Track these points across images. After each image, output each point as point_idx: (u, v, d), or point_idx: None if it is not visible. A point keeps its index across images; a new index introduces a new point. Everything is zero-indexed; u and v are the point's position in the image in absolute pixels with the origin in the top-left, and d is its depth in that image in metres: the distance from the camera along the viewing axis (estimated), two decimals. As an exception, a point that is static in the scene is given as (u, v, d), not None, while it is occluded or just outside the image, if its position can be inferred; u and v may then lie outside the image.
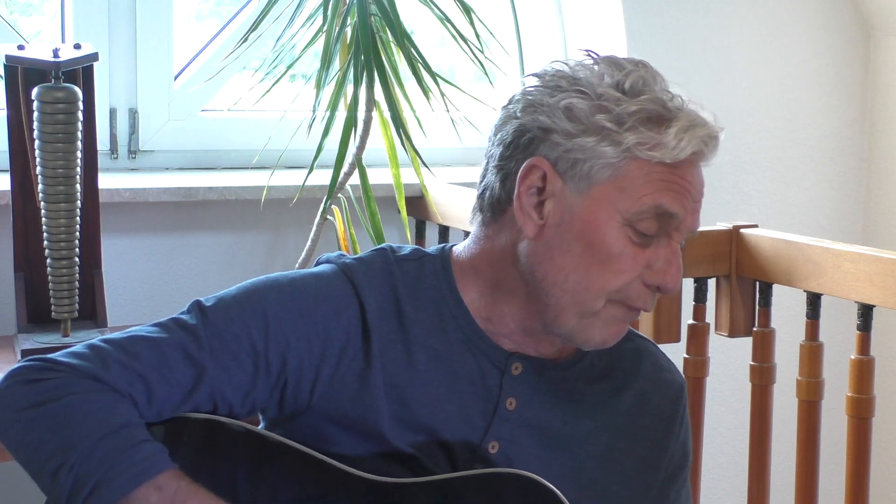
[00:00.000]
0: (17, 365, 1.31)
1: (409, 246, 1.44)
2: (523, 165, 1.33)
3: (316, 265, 1.43)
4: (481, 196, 1.39)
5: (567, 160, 1.31)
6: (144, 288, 2.59)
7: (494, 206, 1.37)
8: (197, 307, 1.35)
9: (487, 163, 1.39)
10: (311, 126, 2.42)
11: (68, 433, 1.24)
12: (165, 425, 1.31)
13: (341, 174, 2.45)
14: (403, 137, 2.39)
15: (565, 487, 1.35)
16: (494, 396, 1.36)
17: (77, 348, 1.32)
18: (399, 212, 2.56)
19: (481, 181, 1.40)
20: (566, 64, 1.37)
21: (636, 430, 1.43)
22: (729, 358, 2.77)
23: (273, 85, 2.43)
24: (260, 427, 1.42)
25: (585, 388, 1.41)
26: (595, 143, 1.30)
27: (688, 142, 1.31)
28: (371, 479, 1.30)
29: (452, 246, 1.43)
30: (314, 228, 2.51)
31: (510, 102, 1.38)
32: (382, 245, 1.43)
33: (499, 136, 1.37)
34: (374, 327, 1.35)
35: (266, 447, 1.33)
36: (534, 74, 1.38)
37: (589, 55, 1.37)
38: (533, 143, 1.33)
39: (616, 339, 1.36)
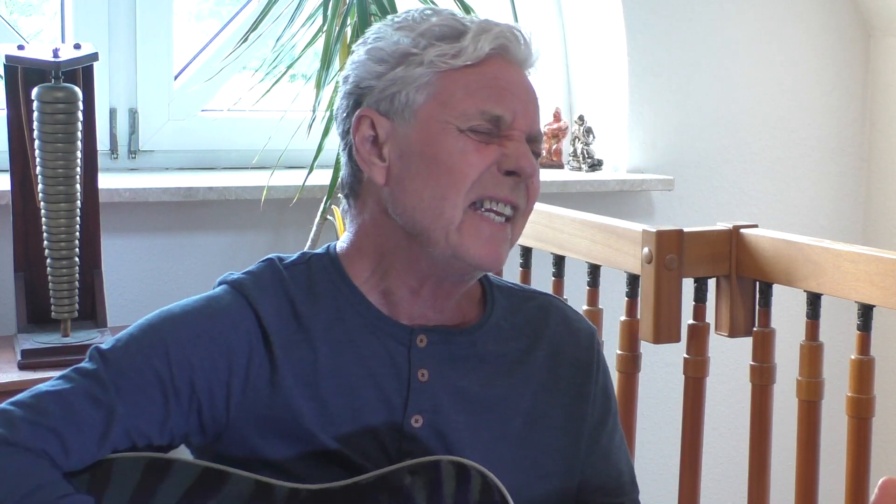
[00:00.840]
0: None
1: (297, 252, 1.47)
2: (352, 123, 1.38)
3: (213, 288, 1.44)
4: (342, 188, 1.44)
5: (386, 99, 1.36)
6: (144, 288, 2.59)
7: (353, 184, 1.42)
8: (96, 353, 1.35)
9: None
10: (311, 126, 2.42)
11: None
12: (91, 471, 1.30)
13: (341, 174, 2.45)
14: (403, 137, 2.38)
15: (497, 449, 1.37)
16: (405, 371, 1.37)
17: None
18: (399, 212, 2.56)
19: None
20: None
21: (556, 382, 1.45)
22: (729, 358, 2.76)
23: (273, 85, 2.43)
24: (188, 457, 1.41)
25: (496, 349, 1.43)
26: (403, 70, 1.36)
27: (486, 40, 1.35)
28: (304, 489, 1.30)
29: (336, 243, 1.46)
30: (314, 228, 2.51)
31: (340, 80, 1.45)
32: (269, 256, 1.46)
33: (336, 122, 1.44)
34: (273, 332, 1.36)
35: (197, 476, 1.32)
36: None
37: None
38: (356, 103, 1.39)
39: (495, 260, 1.36)
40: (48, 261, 2.15)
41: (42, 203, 2.13)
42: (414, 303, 1.40)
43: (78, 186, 2.14)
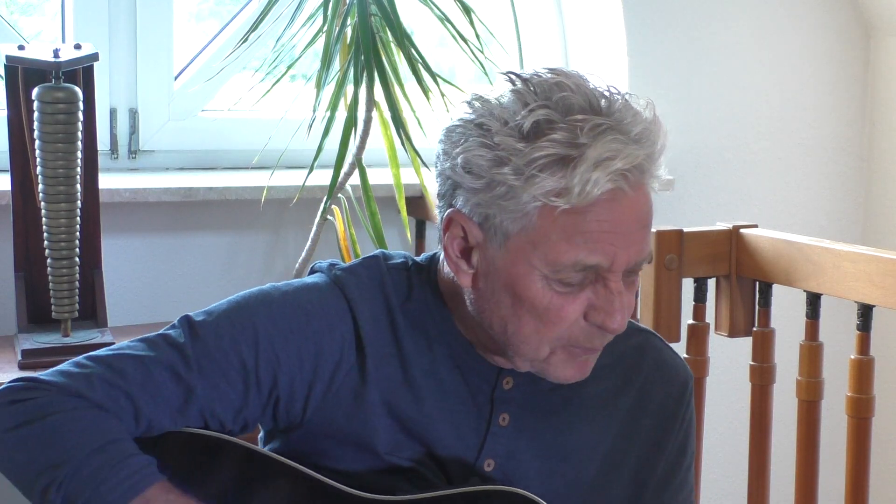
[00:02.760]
0: (2, 386, 1.30)
1: (400, 253, 1.40)
2: (444, 217, 1.29)
3: (310, 273, 1.40)
4: (438, 221, 1.33)
5: (479, 214, 1.25)
6: (144, 288, 2.59)
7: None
8: (186, 323, 1.32)
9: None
10: (311, 126, 2.42)
11: (56, 451, 1.23)
12: (157, 439, 1.30)
13: (341, 174, 2.45)
14: (403, 137, 2.39)
15: (569, 496, 1.34)
16: (486, 413, 1.34)
17: (63, 366, 1.30)
18: (399, 212, 2.56)
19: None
20: (482, 97, 1.27)
21: (637, 430, 1.40)
22: (729, 358, 2.76)
23: (273, 85, 2.43)
24: (259, 435, 1.42)
25: (583, 390, 1.37)
26: (500, 197, 1.22)
27: (598, 179, 1.18)
28: (364, 497, 1.29)
29: (440, 253, 1.37)
30: (314, 228, 2.51)
31: (441, 136, 1.31)
32: (374, 252, 1.40)
33: (436, 170, 1.32)
34: (368, 342, 1.32)
35: (258, 463, 1.31)
36: (461, 104, 1.29)
37: (509, 78, 1.27)
38: (451, 192, 1.28)
39: (584, 374, 1.30)
40: (48, 261, 2.15)
41: (42, 203, 2.12)
42: (500, 356, 1.34)
43: (78, 186, 2.13)
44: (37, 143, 2.09)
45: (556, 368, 1.28)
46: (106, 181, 2.40)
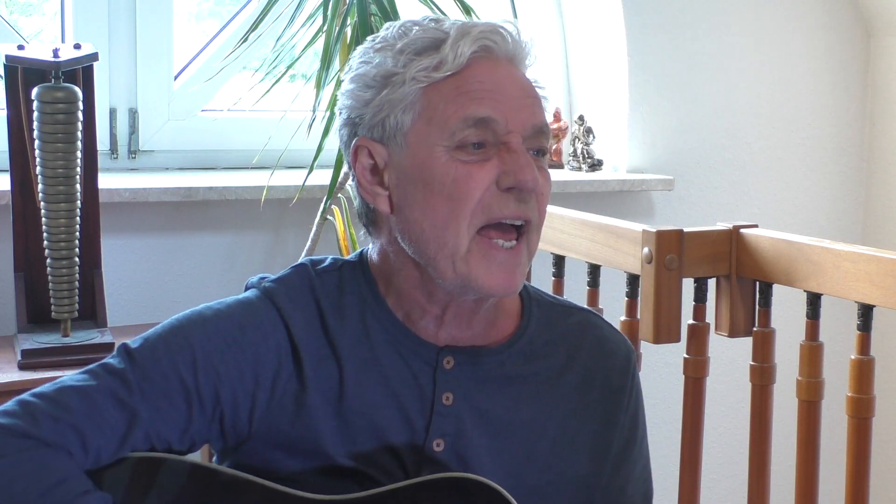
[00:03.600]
0: None
1: (328, 256, 1.44)
2: (350, 151, 1.36)
3: (245, 289, 1.42)
4: (360, 217, 1.40)
5: (377, 125, 1.32)
6: (144, 288, 2.59)
7: (367, 213, 1.38)
8: (123, 350, 1.34)
9: None
10: (311, 126, 2.42)
11: (5, 497, 1.23)
12: (112, 468, 1.30)
13: (341, 174, 2.45)
14: (403, 137, 2.39)
15: (520, 474, 1.35)
16: (429, 394, 1.35)
17: (7, 406, 1.30)
18: (399, 212, 2.56)
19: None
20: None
21: (586, 407, 1.41)
22: (729, 358, 2.77)
23: (273, 85, 2.43)
24: (213, 459, 1.42)
25: (526, 368, 1.39)
26: (389, 92, 1.31)
27: (465, 44, 1.30)
28: (318, 499, 1.29)
29: (369, 249, 1.42)
30: (314, 228, 2.51)
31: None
32: (302, 260, 1.43)
33: (338, 133, 1.41)
34: (302, 347, 1.34)
35: (212, 480, 1.31)
36: None
37: None
38: (352, 134, 1.36)
39: (508, 287, 1.31)
40: (48, 261, 2.15)
41: (42, 203, 2.13)
42: (440, 326, 1.37)
43: (78, 186, 2.14)
44: (36, 142, 2.10)
45: (479, 270, 1.29)
46: (106, 181, 2.40)
